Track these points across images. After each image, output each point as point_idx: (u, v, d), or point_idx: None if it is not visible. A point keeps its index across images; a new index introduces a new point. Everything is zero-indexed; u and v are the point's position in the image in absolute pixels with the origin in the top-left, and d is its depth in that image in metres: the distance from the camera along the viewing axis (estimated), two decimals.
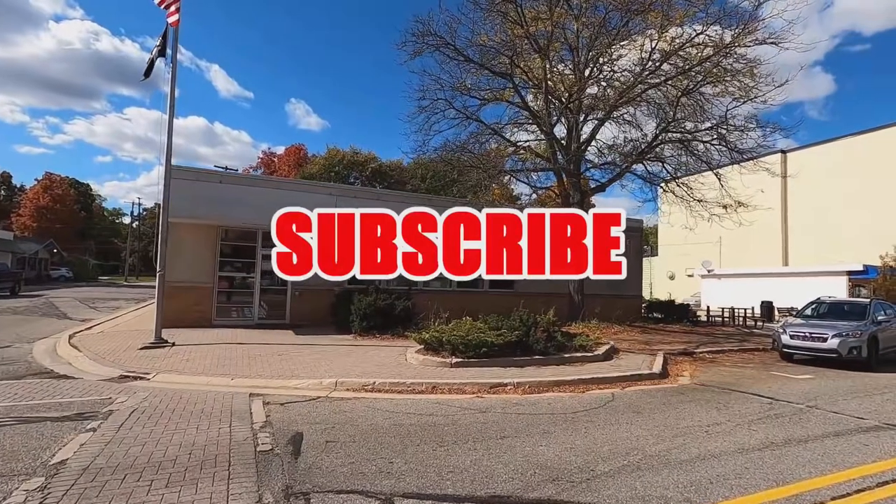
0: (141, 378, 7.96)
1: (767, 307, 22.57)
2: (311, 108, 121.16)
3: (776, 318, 22.53)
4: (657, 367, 9.26)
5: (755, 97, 15.16)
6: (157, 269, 10.89)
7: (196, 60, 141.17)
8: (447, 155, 15.11)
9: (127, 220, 78.47)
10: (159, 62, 11.19)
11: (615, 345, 11.44)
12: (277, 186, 14.24)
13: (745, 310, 21.62)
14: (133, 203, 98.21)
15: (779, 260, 37.41)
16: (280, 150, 68.63)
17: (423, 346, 9.80)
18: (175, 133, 11.27)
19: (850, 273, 27.42)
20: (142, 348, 10.22)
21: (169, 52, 11.04)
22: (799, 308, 25.31)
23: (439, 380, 7.90)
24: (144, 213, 71.38)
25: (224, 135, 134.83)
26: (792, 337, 11.56)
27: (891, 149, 32.05)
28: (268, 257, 15.05)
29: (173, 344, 10.72)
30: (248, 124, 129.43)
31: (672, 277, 46.25)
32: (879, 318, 11.84)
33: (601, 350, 10.36)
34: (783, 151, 40.12)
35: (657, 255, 50.98)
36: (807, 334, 11.35)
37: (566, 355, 9.66)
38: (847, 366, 10.91)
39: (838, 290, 27.63)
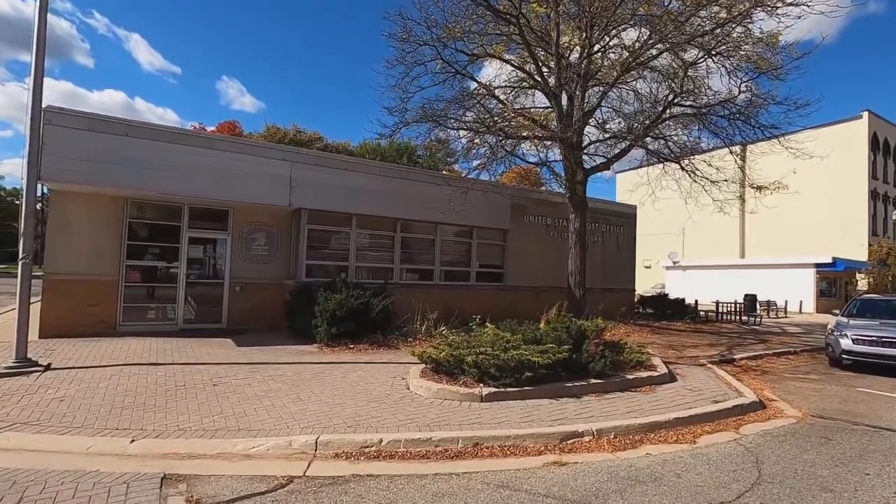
0: None
1: (751, 300, 21.53)
2: (245, 87, 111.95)
3: (758, 310, 21.52)
4: (748, 393, 6.92)
5: (774, 68, 13.48)
6: (21, 253, 7.18)
7: (113, 28, 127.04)
8: (432, 112, 11.99)
9: None
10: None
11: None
12: (210, 145, 10.55)
13: (737, 304, 20.38)
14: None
15: (736, 252, 37.51)
16: (211, 127, 62.01)
17: (429, 367, 6.89)
18: (89, 107, 7.99)
19: (817, 265, 27.26)
20: None
21: None
22: (772, 301, 24.84)
23: (479, 429, 5.06)
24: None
25: (147, 112, 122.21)
26: (855, 341, 9.73)
27: (846, 143, 32.43)
28: (196, 241, 11.51)
29: (47, 367, 7.14)
30: (175, 102, 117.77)
31: None
32: None
33: (660, 366, 7.94)
34: (742, 144, 40.55)
35: None
36: (875, 338, 9.54)
37: (629, 376, 7.10)
38: None
39: (806, 282, 27.49)
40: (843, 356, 9.87)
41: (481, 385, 6.21)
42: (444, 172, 20.49)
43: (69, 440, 4.66)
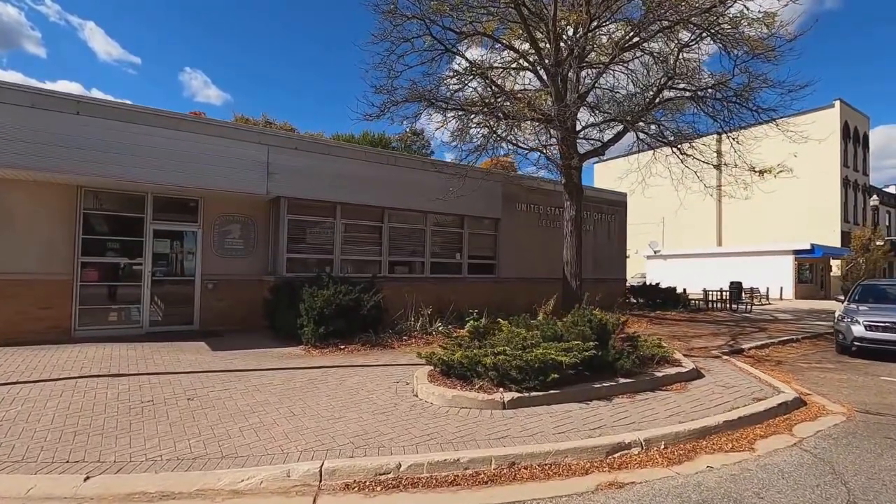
0: None
1: (737, 288, 21.49)
2: (210, 78, 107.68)
3: (744, 297, 21.49)
4: (786, 389, 6.39)
5: (769, 49, 13.14)
6: None
7: (66, 15, 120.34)
8: (423, 90, 11.14)
9: None
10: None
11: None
12: (177, 126, 9.37)
13: (723, 291, 20.26)
14: None
15: (713, 240, 37.87)
16: None
17: (438, 370, 6.10)
18: None
19: (796, 252, 27.57)
20: None
21: None
22: (755, 288, 24.97)
23: (511, 445, 4.31)
24: None
25: None
26: (868, 328, 9.40)
27: (819, 132, 32.87)
28: (162, 234, 10.39)
29: None
30: (135, 94, 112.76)
31: None
32: None
33: (685, 361, 7.36)
34: (718, 133, 40.90)
35: None
36: (889, 324, 9.22)
37: (657, 374, 6.47)
38: None
39: (785, 269, 27.81)
40: (855, 343, 9.55)
41: (501, 390, 5.46)
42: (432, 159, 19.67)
43: (5, 481, 3.70)
